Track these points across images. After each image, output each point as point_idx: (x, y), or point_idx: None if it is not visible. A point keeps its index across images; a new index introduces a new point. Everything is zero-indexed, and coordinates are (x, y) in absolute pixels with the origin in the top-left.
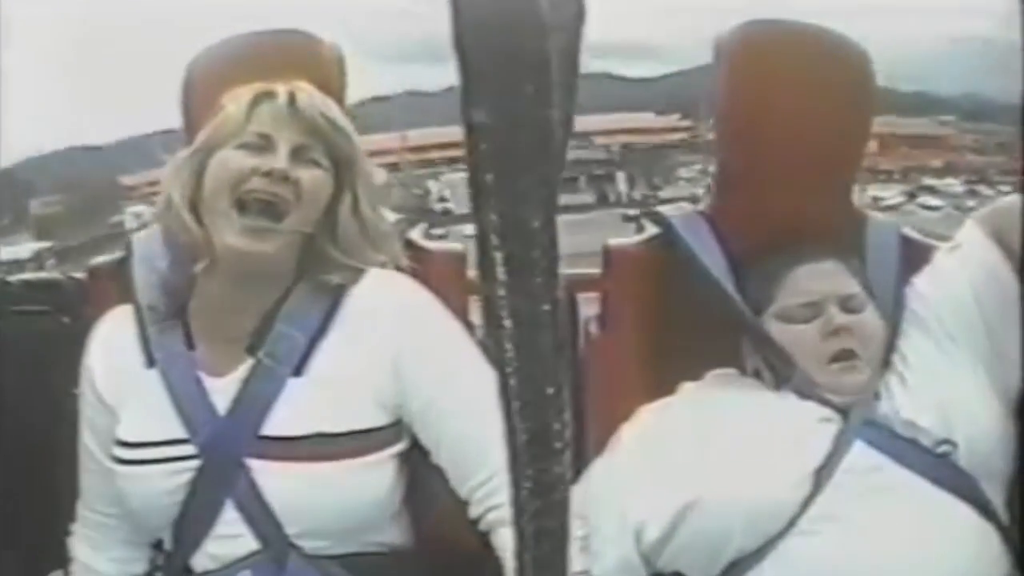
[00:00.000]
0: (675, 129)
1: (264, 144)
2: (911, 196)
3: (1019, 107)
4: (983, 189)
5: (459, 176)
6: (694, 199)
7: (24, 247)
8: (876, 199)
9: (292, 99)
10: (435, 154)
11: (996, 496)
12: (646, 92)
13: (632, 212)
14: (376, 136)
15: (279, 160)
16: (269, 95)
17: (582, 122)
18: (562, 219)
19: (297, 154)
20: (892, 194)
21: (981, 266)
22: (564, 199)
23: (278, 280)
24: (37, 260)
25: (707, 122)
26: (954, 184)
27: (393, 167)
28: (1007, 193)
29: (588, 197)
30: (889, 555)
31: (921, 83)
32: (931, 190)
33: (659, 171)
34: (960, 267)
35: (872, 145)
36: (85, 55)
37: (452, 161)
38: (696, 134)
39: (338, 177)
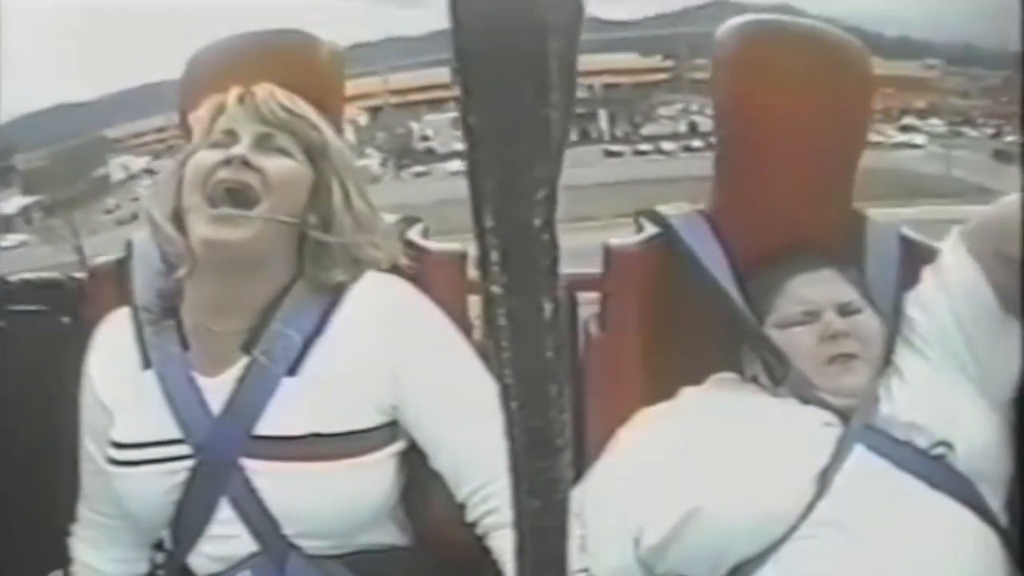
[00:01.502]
0: (657, 69)
1: (229, 139)
2: (895, 134)
3: (1008, 54)
4: (967, 130)
5: (441, 117)
6: (675, 136)
7: (11, 203)
8: None
9: (244, 97)
10: (416, 96)
11: (994, 500)
12: (629, 34)
13: (614, 148)
14: (360, 80)
15: (240, 148)
16: (226, 101)
17: None
18: None
19: (261, 143)
20: (874, 133)
21: (962, 292)
22: None
23: (269, 277)
24: (25, 215)
25: (688, 62)
26: (938, 125)
27: (376, 110)
28: (992, 136)
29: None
30: (890, 559)
31: (907, 28)
32: (915, 130)
33: (640, 109)
34: (941, 293)
35: None
36: (71, 14)
37: (433, 103)
38: (677, 74)
39: (317, 169)
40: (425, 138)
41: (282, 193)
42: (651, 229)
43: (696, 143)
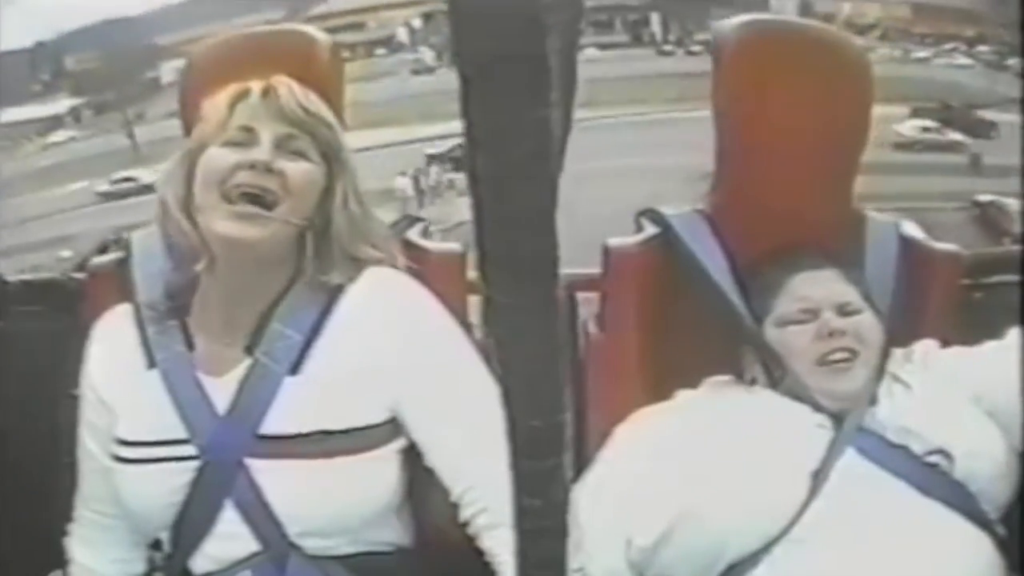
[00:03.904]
0: None
1: (247, 138)
2: (943, 55)
3: None
4: (1014, 62)
5: None
6: None
7: (61, 103)
8: (907, 52)
9: (267, 92)
10: None
11: (992, 511)
12: None
13: (667, 48)
14: None
15: (262, 152)
16: (246, 93)
17: None
18: (600, 54)
19: (281, 145)
20: (923, 50)
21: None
22: (600, 39)
23: (274, 276)
24: (74, 114)
25: None
26: (985, 52)
27: (429, 15)
28: None
29: (622, 37)
30: (878, 564)
31: None
32: (963, 53)
33: (693, 16)
34: (984, 383)
35: (906, 11)
36: None
37: None
38: None
39: (329, 171)
40: None
41: (300, 196)
42: (651, 229)
43: None
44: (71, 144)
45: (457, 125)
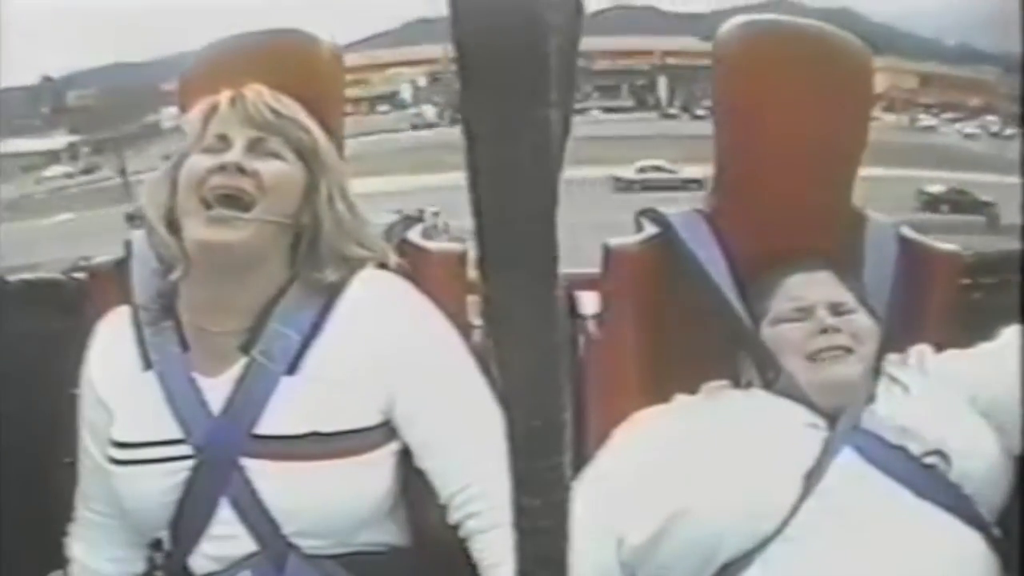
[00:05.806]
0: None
1: (222, 144)
2: (950, 122)
3: None
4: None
5: None
6: None
7: (59, 139)
8: (913, 120)
9: (235, 100)
10: None
11: (987, 512)
12: (695, 25)
13: (671, 111)
14: (422, 48)
15: (234, 154)
16: (216, 105)
17: (626, 43)
18: (607, 117)
19: (254, 147)
20: (930, 119)
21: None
22: (607, 103)
23: (266, 277)
24: (71, 151)
25: None
26: (993, 122)
27: (436, 76)
28: None
29: (628, 102)
30: (874, 564)
31: (964, 36)
32: (969, 121)
33: (701, 84)
34: (981, 383)
35: (912, 81)
36: None
37: None
38: None
39: (309, 170)
40: None
41: (276, 195)
42: (651, 229)
43: None
44: (63, 180)
45: (453, 176)
